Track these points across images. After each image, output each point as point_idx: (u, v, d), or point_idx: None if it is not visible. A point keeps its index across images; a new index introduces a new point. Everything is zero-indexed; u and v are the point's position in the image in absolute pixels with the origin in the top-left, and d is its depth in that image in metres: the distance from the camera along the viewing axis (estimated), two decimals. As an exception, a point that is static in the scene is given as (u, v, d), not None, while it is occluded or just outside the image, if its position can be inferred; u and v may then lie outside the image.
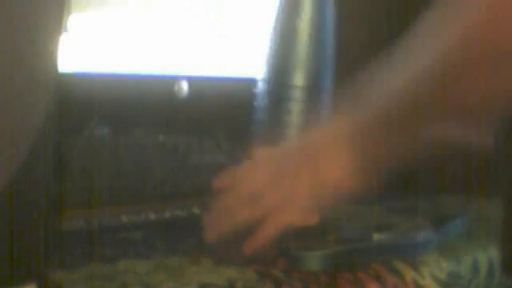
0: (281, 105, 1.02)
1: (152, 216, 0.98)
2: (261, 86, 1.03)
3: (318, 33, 0.99)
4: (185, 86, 1.10)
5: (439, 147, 0.80)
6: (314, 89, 1.02)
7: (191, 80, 1.11)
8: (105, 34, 1.05)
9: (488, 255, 0.97)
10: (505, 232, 0.87)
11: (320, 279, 0.83)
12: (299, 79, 1.00)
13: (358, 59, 0.82)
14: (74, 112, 0.90)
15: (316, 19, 0.98)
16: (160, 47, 1.10)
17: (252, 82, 1.06)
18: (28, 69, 0.59)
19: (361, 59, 0.81)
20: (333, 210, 0.92)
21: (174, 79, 1.10)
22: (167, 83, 1.10)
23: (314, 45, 0.98)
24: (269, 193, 0.83)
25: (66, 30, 0.99)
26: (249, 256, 0.84)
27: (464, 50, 0.72)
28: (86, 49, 1.03)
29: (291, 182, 0.83)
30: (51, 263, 0.73)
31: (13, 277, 0.60)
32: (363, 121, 0.81)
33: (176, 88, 1.09)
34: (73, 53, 1.00)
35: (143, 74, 1.09)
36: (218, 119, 1.13)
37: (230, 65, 1.15)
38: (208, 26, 1.13)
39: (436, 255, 0.93)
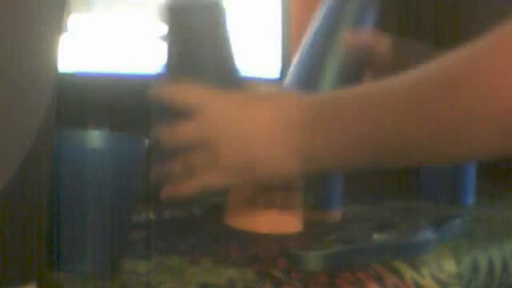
0: None
1: (152, 216, 0.98)
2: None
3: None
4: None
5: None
6: None
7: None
8: (105, 33, 1.05)
9: (488, 255, 0.97)
10: None
11: (320, 279, 0.83)
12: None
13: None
14: (74, 112, 0.90)
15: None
16: (160, 47, 1.10)
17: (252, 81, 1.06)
18: (28, 69, 0.59)
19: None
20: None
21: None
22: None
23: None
24: (199, 150, 0.82)
25: (66, 30, 0.99)
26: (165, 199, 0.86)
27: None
28: (86, 49, 1.03)
29: (223, 146, 0.82)
30: (51, 263, 0.73)
31: (13, 277, 0.60)
32: (318, 108, 0.80)
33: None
34: (73, 53, 1.00)
35: (143, 74, 1.09)
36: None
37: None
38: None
39: (436, 255, 0.93)
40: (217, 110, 0.83)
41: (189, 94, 0.85)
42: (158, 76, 0.89)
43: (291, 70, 1.02)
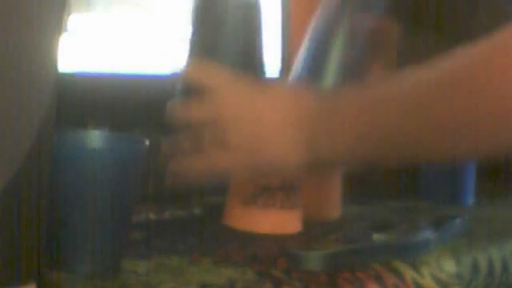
0: None
1: (152, 216, 0.98)
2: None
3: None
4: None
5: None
6: None
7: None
8: (105, 33, 1.05)
9: (488, 255, 0.97)
10: None
11: (320, 279, 0.83)
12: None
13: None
14: (73, 112, 0.90)
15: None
16: (160, 47, 1.10)
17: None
18: (28, 69, 0.59)
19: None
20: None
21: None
22: (167, 83, 1.10)
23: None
24: (209, 128, 0.83)
25: (66, 30, 0.99)
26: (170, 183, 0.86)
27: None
28: (86, 49, 1.03)
29: (232, 127, 0.82)
30: (51, 263, 0.73)
31: (13, 277, 0.60)
32: (328, 103, 0.81)
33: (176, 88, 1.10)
34: (73, 53, 1.00)
35: (143, 74, 1.09)
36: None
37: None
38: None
39: (436, 255, 0.93)
40: (231, 91, 0.84)
41: (207, 73, 0.86)
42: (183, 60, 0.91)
43: (297, 61, 1.02)
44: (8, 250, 0.60)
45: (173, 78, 0.89)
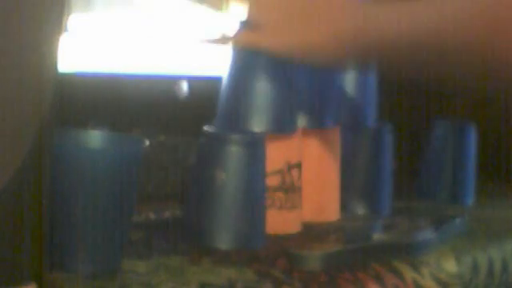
0: None
1: (152, 216, 0.98)
2: None
3: None
4: (185, 86, 1.10)
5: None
6: None
7: (191, 80, 1.11)
8: (105, 33, 1.05)
9: (488, 255, 0.97)
10: None
11: (320, 279, 0.83)
12: None
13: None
14: (73, 112, 0.90)
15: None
16: (160, 47, 1.10)
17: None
18: (28, 69, 0.59)
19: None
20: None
21: (174, 79, 1.10)
22: (167, 83, 1.10)
23: None
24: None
25: (66, 30, 1.00)
26: None
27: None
28: (86, 49, 1.03)
29: None
30: (51, 263, 0.73)
31: (13, 277, 0.60)
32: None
33: (176, 88, 1.10)
34: (73, 53, 1.00)
35: (143, 74, 1.10)
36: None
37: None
38: (208, 25, 1.13)
39: (436, 255, 0.93)
40: None
41: None
42: None
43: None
44: (8, 250, 0.60)
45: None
